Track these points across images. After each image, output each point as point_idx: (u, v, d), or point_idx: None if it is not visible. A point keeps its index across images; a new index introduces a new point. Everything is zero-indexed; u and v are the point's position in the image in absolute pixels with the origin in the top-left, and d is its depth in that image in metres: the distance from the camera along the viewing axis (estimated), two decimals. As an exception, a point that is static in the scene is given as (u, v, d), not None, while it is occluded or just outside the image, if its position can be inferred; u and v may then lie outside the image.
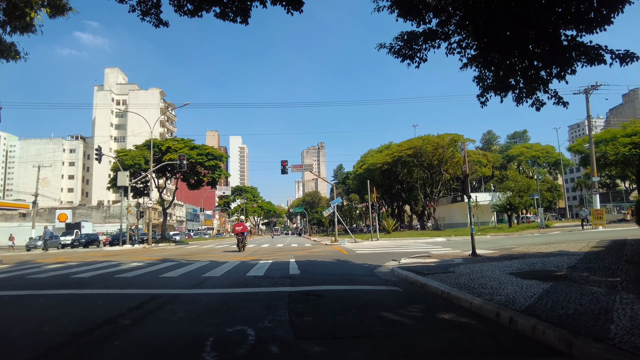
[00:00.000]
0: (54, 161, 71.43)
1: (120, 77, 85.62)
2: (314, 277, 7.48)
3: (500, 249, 11.75)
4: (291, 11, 5.34)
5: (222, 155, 42.99)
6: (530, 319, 3.45)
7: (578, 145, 42.05)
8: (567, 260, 7.51)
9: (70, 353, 3.11)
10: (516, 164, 62.14)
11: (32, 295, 6.00)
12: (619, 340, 2.74)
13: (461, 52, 6.08)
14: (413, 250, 13.91)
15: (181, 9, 5.42)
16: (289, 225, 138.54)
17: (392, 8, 5.75)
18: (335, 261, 11.28)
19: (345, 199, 63.15)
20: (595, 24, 5.09)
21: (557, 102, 5.94)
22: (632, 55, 5.14)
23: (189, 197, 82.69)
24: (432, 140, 41.30)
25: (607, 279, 5.27)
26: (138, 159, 36.98)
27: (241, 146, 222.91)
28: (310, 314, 4.34)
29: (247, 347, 3.10)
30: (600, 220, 24.62)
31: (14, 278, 8.43)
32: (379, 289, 6.14)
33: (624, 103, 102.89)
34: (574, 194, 79.41)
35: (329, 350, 3.13)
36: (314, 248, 19.58)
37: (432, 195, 43.81)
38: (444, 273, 6.85)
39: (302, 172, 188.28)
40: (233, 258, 12.99)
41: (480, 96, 6.36)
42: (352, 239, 27.33)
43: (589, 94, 27.68)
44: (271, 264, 10.27)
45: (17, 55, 8.65)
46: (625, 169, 35.87)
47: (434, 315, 4.27)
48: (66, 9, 8.12)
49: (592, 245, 10.56)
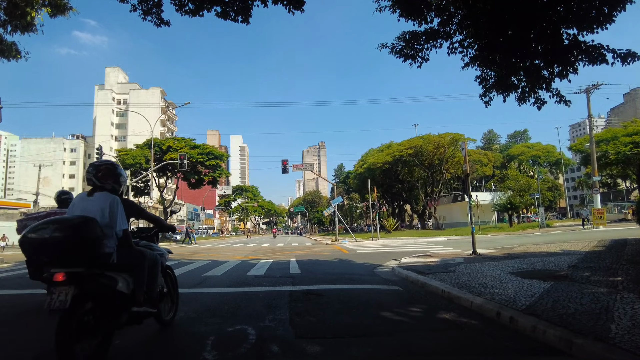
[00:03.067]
0: (54, 160, 71.54)
1: (121, 77, 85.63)
2: (315, 277, 7.48)
3: (501, 249, 11.75)
4: (292, 10, 5.34)
5: (222, 154, 43.04)
6: (530, 318, 3.45)
7: (579, 144, 42.05)
8: (568, 260, 7.50)
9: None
10: (517, 163, 62.08)
11: (33, 294, 6.02)
12: (619, 340, 2.73)
13: (463, 51, 6.08)
14: (414, 250, 13.91)
15: (182, 9, 5.42)
16: (289, 225, 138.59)
17: (394, 8, 5.76)
18: (336, 260, 11.28)
19: (345, 198, 63.12)
20: (597, 23, 5.08)
21: (559, 101, 5.94)
22: (634, 55, 5.13)
23: (190, 196, 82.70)
24: (432, 140, 41.29)
25: (608, 279, 5.27)
26: (139, 158, 37.03)
27: (242, 145, 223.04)
28: (310, 313, 4.34)
29: (247, 347, 3.10)
30: (601, 220, 24.59)
31: (14, 277, 8.45)
32: (380, 288, 6.14)
33: (625, 102, 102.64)
34: (574, 193, 79.31)
35: (329, 349, 3.13)
36: (315, 247, 19.59)
37: (433, 194, 43.80)
38: (445, 272, 6.85)
39: (302, 172, 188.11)
40: (234, 257, 13.01)
41: (482, 95, 6.36)
42: (352, 239, 27.33)
43: (590, 93, 27.65)
44: (272, 263, 10.28)
45: (18, 55, 8.66)
46: (626, 168, 35.85)
47: (434, 314, 4.27)
48: (67, 8, 8.14)
49: (593, 244, 10.55)
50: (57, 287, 2.51)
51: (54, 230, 2.55)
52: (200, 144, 40.41)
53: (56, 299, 2.48)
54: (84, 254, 2.61)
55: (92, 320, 2.60)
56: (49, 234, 2.55)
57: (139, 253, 3.09)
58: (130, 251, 3.03)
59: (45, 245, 2.56)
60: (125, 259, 2.95)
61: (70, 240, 2.55)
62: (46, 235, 2.56)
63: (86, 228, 2.61)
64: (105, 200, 2.93)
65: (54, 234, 2.55)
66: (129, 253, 3.01)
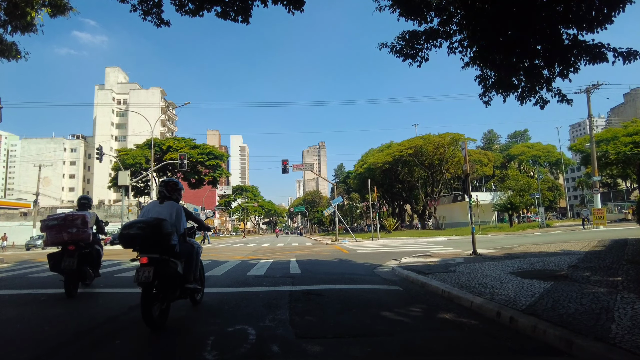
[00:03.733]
0: (55, 160, 71.57)
1: (121, 77, 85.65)
2: (315, 276, 7.48)
3: (501, 248, 11.75)
4: (292, 10, 5.34)
5: (222, 154, 43.06)
6: (530, 318, 3.45)
7: (579, 144, 42.03)
8: (568, 260, 7.50)
9: (70, 352, 3.13)
10: (517, 163, 62.07)
11: (34, 294, 6.02)
12: (619, 340, 2.73)
13: (463, 51, 6.07)
14: (414, 250, 13.90)
15: (182, 9, 5.43)
16: (289, 225, 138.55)
17: (394, 7, 5.75)
18: (336, 260, 11.28)
19: (346, 198, 63.10)
20: (596, 22, 5.08)
21: (561, 100, 5.94)
22: (636, 53, 5.12)
23: (190, 196, 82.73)
24: (433, 140, 41.28)
25: (608, 279, 5.27)
26: (139, 158, 37.04)
27: (242, 145, 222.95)
28: (311, 313, 4.34)
29: (247, 347, 3.10)
30: (601, 220, 24.59)
31: (15, 277, 8.45)
32: (380, 288, 6.14)
33: (625, 102, 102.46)
34: (574, 193, 79.27)
35: (329, 349, 3.13)
36: (315, 247, 19.59)
37: (433, 194, 43.81)
38: (445, 272, 6.85)
39: (302, 172, 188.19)
40: (234, 257, 13.01)
41: (482, 95, 6.36)
42: (352, 238, 27.33)
43: (590, 93, 27.63)
44: (272, 263, 10.27)
45: (18, 55, 8.66)
46: (626, 168, 35.85)
47: (434, 314, 4.27)
48: (67, 8, 8.13)
49: (593, 244, 10.55)
50: (142, 267, 3.54)
51: (138, 229, 3.61)
52: (200, 144, 40.45)
53: (142, 275, 3.48)
54: (159, 245, 3.65)
55: (161, 292, 3.66)
56: (135, 231, 3.61)
57: (190, 245, 4.23)
58: (185, 244, 4.14)
59: (134, 238, 3.62)
60: (182, 249, 3.96)
61: (150, 235, 3.60)
62: (133, 232, 3.61)
63: (160, 227, 3.63)
64: (172, 207, 4.10)
65: (138, 231, 3.60)
66: (184, 245, 4.08)
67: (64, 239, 5.65)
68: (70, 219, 5.74)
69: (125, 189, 31.07)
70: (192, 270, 4.14)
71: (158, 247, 3.65)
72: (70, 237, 5.67)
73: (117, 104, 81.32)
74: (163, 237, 3.63)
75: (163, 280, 3.65)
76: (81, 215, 5.84)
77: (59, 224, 5.67)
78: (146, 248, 3.62)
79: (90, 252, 6.01)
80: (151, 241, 3.61)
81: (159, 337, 3.52)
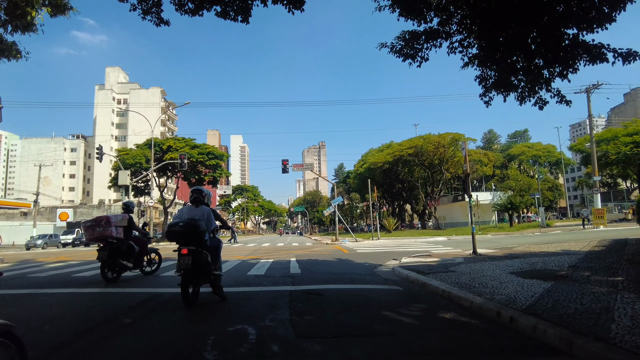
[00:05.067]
0: (55, 160, 71.53)
1: (121, 76, 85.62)
2: (315, 276, 7.48)
3: (501, 248, 11.75)
4: (292, 10, 5.33)
5: (222, 154, 43.02)
6: (531, 318, 3.45)
7: (579, 144, 42.02)
8: (568, 260, 7.50)
9: (69, 352, 3.12)
10: (517, 163, 62.04)
11: (34, 294, 6.02)
12: (620, 340, 2.73)
13: (462, 51, 6.06)
14: (414, 250, 13.90)
15: (182, 8, 5.41)
16: (289, 225, 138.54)
17: (393, 7, 5.73)
18: (336, 260, 11.28)
19: (346, 198, 63.09)
20: (597, 22, 5.07)
21: (560, 101, 5.93)
22: (635, 54, 5.11)
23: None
24: (433, 140, 41.27)
25: (608, 278, 5.27)
26: (139, 158, 37.01)
27: (242, 145, 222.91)
28: (311, 313, 4.34)
29: (247, 346, 3.10)
30: (602, 220, 24.59)
31: (15, 277, 8.45)
32: (380, 288, 6.14)
33: (625, 102, 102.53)
34: (575, 193, 79.26)
35: (329, 349, 3.13)
36: (315, 247, 19.59)
37: (433, 194, 43.79)
38: (445, 272, 6.85)
39: (302, 171, 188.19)
40: (234, 257, 13.01)
41: (482, 95, 6.34)
42: (353, 238, 27.33)
43: (590, 93, 27.61)
44: (272, 263, 10.28)
45: (19, 55, 8.64)
46: (626, 168, 35.84)
47: (434, 314, 4.27)
48: (67, 8, 8.12)
49: (593, 244, 10.54)
50: (182, 256, 4.60)
51: (180, 227, 4.71)
52: (200, 143, 40.38)
53: (183, 263, 4.57)
54: (195, 239, 4.73)
55: (194, 277, 4.70)
56: (177, 229, 4.72)
57: (217, 241, 5.31)
58: (214, 239, 5.20)
59: (178, 234, 4.73)
60: (211, 244, 5.08)
61: (189, 232, 4.71)
62: (176, 229, 4.73)
63: (197, 226, 4.74)
64: (205, 210, 5.07)
65: (180, 229, 4.71)
66: (213, 240, 5.16)
67: (94, 236, 7.19)
68: (98, 220, 7.29)
69: (125, 188, 31.04)
70: (217, 260, 5.19)
71: (195, 242, 4.70)
72: (99, 234, 7.13)
73: (117, 103, 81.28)
74: (199, 234, 4.71)
75: (197, 266, 4.63)
76: (105, 217, 7.32)
77: (91, 224, 7.23)
78: (186, 242, 4.67)
79: (119, 246, 7.20)
80: (190, 237, 4.69)
81: (159, 337, 3.52)
